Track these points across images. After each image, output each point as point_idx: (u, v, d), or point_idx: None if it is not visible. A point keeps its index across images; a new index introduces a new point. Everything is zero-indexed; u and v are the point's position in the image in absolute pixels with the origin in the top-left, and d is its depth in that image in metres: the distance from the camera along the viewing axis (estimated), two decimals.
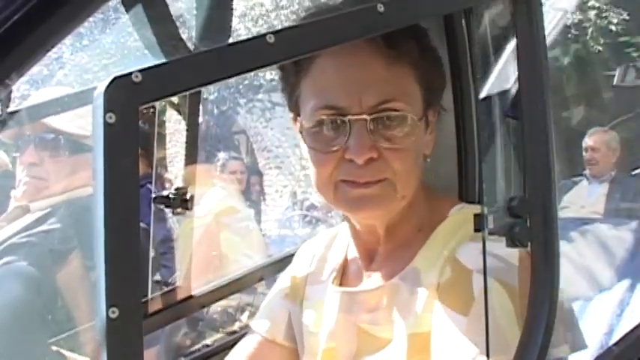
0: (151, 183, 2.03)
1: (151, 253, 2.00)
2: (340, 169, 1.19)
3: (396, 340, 1.22)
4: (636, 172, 6.13)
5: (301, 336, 1.41)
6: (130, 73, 0.76)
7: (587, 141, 5.94)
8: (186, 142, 1.84)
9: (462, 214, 1.26)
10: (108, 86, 0.75)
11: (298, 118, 1.27)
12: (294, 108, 1.28)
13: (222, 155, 6.01)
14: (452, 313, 1.15)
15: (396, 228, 1.27)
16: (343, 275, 1.37)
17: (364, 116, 1.17)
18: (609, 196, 5.63)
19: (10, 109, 1.55)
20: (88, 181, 2.26)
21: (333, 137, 1.19)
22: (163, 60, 1.23)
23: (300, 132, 1.28)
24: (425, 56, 1.25)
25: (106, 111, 0.75)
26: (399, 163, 1.19)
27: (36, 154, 2.29)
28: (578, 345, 1.20)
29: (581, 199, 5.74)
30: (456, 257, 1.19)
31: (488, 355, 1.02)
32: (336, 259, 1.40)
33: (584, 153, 5.92)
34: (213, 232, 3.63)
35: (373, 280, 1.30)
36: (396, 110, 1.18)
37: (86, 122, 2.16)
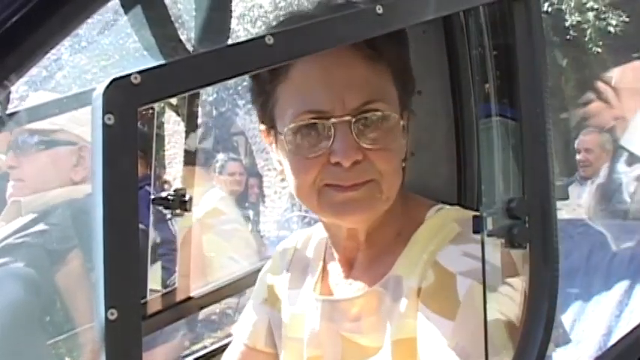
0: (149, 185, 2.03)
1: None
2: (324, 173, 1.17)
3: (380, 347, 1.21)
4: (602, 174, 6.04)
5: (280, 340, 1.40)
6: (129, 75, 0.76)
7: (581, 142, 5.91)
8: (185, 144, 1.84)
9: (439, 216, 1.25)
10: (107, 88, 0.75)
11: (271, 131, 1.24)
12: (268, 118, 1.24)
13: (220, 156, 5.99)
14: (437, 318, 1.14)
15: (376, 233, 1.25)
16: (323, 280, 1.34)
17: (348, 118, 1.15)
18: (593, 197, 5.59)
19: (8, 111, 1.55)
20: (65, 177, 2.29)
21: (317, 142, 1.16)
22: (162, 61, 1.23)
23: (271, 143, 1.25)
24: (400, 57, 1.24)
25: (104, 112, 0.75)
26: (384, 164, 1.17)
27: (14, 157, 2.34)
28: (562, 340, 1.20)
29: (573, 200, 5.71)
30: (436, 260, 1.18)
31: (486, 358, 1.02)
32: (313, 263, 1.38)
33: (577, 154, 5.88)
34: (196, 234, 3.60)
35: (354, 287, 1.28)
36: (378, 110, 1.17)
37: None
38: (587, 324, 1.91)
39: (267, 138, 1.27)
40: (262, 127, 1.27)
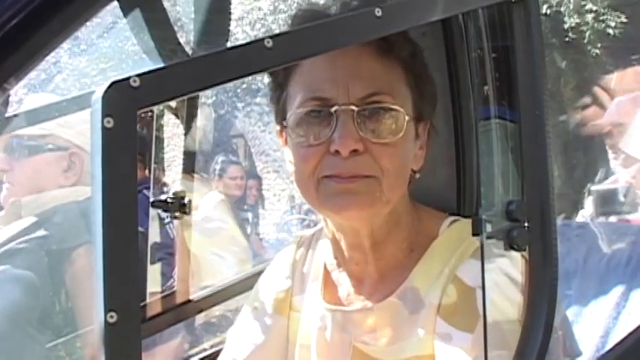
0: (148, 189, 2.03)
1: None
2: (324, 164, 1.15)
3: None
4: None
5: (285, 346, 1.37)
6: (128, 78, 0.76)
7: None
8: (184, 146, 1.84)
9: (455, 230, 1.23)
10: (106, 91, 0.75)
11: (283, 128, 1.23)
12: (281, 114, 1.23)
13: (220, 159, 5.98)
14: (456, 332, 1.12)
15: (384, 245, 1.23)
16: (327, 287, 1.32)
17: (351, 107, 1.13)
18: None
19: (7, 114, 1.55)
20: (54, 182, 2.29)
21: (319, 130, 1.15)
22: (161, 64, 1.23)
23: (285, 143, 1.24)
24: (415, 60, 1.23)
25: (104, 115, 0.75)
26: (386, 160, 1.14)
27: (6, 160, 2.34)
28: (573, 353, 1.20)
29: None
30: (456, 275, 1.16)
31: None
32: (314, 267, 1.36)
33: None
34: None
35: (367, 298, 1.26)
36: (383, 102, 1.15)
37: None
38: (584, 326, 1.91)
39: (282, 138, 1.26)
40: (278, 127, 1.26)
